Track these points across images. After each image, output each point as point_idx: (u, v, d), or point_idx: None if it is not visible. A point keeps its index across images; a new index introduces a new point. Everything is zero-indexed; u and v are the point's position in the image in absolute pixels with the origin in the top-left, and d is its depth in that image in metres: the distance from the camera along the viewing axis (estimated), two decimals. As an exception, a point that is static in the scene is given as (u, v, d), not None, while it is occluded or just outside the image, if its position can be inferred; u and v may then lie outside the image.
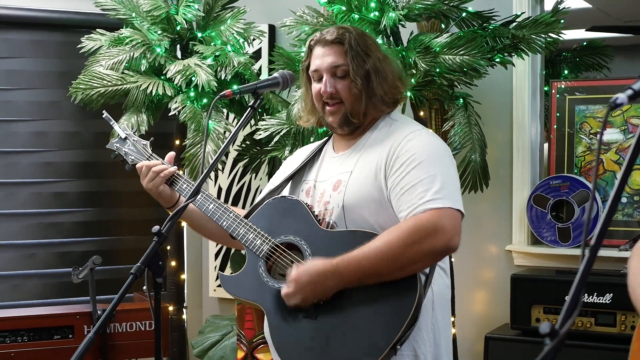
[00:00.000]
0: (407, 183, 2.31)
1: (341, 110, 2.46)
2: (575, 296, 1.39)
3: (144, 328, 3.77)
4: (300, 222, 2.43)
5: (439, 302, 2.41)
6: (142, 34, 4.00)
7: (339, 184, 2.44)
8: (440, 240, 2.25)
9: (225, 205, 2.53)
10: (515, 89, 4.07)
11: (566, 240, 3.90)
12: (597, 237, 1.42)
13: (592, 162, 4.03)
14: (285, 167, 2.73)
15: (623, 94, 1.46)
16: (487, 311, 4.14)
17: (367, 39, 2.51)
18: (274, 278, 2.43)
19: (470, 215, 4.17)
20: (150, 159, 2.68)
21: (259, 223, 2.48)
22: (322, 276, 2.29)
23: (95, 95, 3.87)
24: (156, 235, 2.23)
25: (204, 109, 3.87)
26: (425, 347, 2.36)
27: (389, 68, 2.51)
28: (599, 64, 4.69)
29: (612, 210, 1.43)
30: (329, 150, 2.60)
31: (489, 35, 3.52)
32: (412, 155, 2.34)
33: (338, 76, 2.46)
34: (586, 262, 1.43)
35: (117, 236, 4.87)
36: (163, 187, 2.60)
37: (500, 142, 4.06)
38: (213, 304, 4.92)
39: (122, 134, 2.76)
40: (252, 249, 2.45)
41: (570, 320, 1.36)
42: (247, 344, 3.87)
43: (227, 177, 4.80)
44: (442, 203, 2.26)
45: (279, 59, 3.65)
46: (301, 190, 2.57)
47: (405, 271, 2.26)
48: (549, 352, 1.33)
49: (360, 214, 2.38)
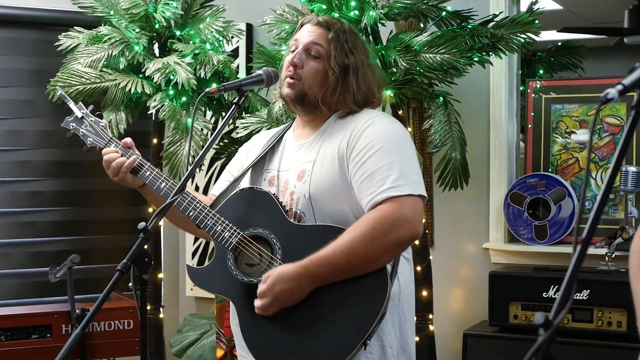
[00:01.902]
0: (366, 170, 2.32)
1: (297, 87, 2.46)
2: (568, 287, 1.41)
3: (122, 327, 3.75)
4: (269, 214, 2.42)
5: (404, 292, 2.43)
6: (120, 31, 3.98)
7: (303, 174, 2.44)
8: (404, 230, 2.27)
9: (191, 195, 2.49)
10: (492, 88, 4.11)
11: (543, 237, 3.94)
12: (588, 231, 1.44)
13: (569, 160, 4.08)
14: (242, 154, 2.70)
15: (613, 89, 1.48)
16: (465, 308, 4.18)
17: (357, 40, 2.52)
18: (241, 269, 2.41)
19: (447, 214, 4.24)
20: (110, 142, 2.61)
21: (226, 214, 2.45)
22: (296, 280, 2.29)
23: (74, 93, 3.85)
24: (142, 232, 2.23)
25: (183, 107, 3.86)
26: (391, 337, 2.38)
27: (370, 74, 2.52)
28: (574, 64, 4.74)
29: (602, 205, 1.46)
30: (290, 139, 2.59)
31: (467, 35, 3.55)
32: (371, 141, 2.34)
33: (311, 54, 2.47)
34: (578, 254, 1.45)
35: (93, 235, 4.83)
36: (128, 176, 2.56)
37: (477, 141, 4.10)
38: (190, 303, 4.91)
39: (78, 113, 2.65)
40: (220, 242, 2.43)
41: (563, 311, 1.38)
42: (227, 342, 3.87)
43: (205, 175, 4.79)
44: (402, 190, 2.27)
45: (260, 57, 3.65)
46: (263, 180, 2.55)
47: (374, 265, 2.28)
48: (543, 343, 1.35)
49: (328, 203, 2.38)
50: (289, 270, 2.30)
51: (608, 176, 1.46)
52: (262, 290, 2.31)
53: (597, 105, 1.49)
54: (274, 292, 2.30)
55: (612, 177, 1.47)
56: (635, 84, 1.51)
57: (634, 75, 1.52)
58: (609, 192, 1.47)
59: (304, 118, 2.55)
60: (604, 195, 1.45)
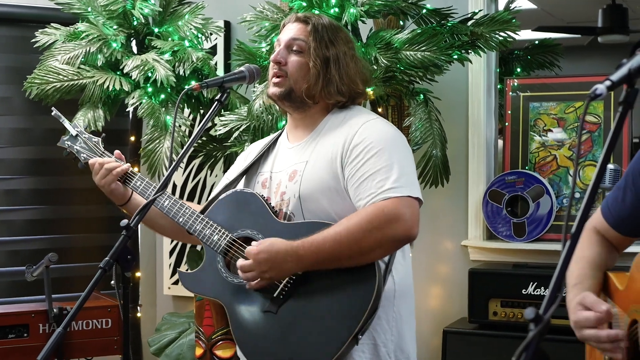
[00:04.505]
0: (365, 172, 2.31)
1: (284, 84, 2.46)
2: (558, 282, 1.41)
3: (100, 326, 3.72)
4: (257, 215, 2.43)
5: (401, 291, 2.42)
6: (98, 28, 3.95)
7: (294, 174, 2.44)
8: (401, 227, 2.26)
9: (180, 202, 2.52)
10: (470, 86, 4.12)
11: (521, 235, 3.96)
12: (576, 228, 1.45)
13: (547, 158, 4.10)
14: (240, 161, 2.71)
15: (602, 84, 1.49)
16: (444, 306, 4.19)
17: (338, 33, 2.51)
18: (233, 273, 2.42)
19: (426, 211, 4.23)
20: (102, 156, 2.65)
21: (215, 218, 2.47)
22: (282, 256, 2.29)
23: (51, 90, 3.82)
24: (125, 229, 2.22)
25: (162, 104, 3.84)
26: (385, 336, 2.38)
27: (353, 65, 2.50)
28: (550, 62, 4.78)
29: (591, 202, 1.47)
30: (284, 141, 2.59)
31: (447, 32, 3.56)
32: (369, 143, 2.34)
33: (293, 50, 2.47)
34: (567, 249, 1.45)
35: (70, 234, 4.79)
36: (115, 184, 2.59)
37: (456, 138, 4.11)
38: (167, 302, 4.88)
39: (72, 132, 2.71)
40: (210, 245, 2.45)
41: (554, 305, 1.38)
42: (206, 341, 3.85)
43: (182, 174, 4.77)
44: (402, 192, 2.27)
45: (240, 54, 3.64)
46: (257, 182, 2.56)
47: (365, 257, 2.27)
48: (533, 338, 1.35)
49: (317, 203, 2.38)
50: (278, 244, 2.30)
51: (595, 173, 1.47)
52: (248, 252, 2.33)
53: (586, 101, 1.50)
54: (258, 259, 2.30)
55: (600, 175, 1.48)
56: (622, 80, 1.52)
57: (621, 72, 1.54)
58: (597, 189, 1.48)
59: (295, 116, 2.54)
60: (591, 193, 1.46)
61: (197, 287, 2.52)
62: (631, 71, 1.53)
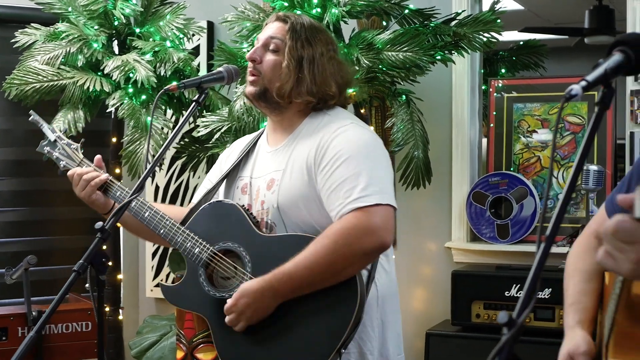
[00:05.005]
0: (334, 182, 2.27)
1: (258, 83, 2.43)
2: (532, 286, 1.39)
3: (80, 329, 3.70)
4: (238, 227, 2.40)
5: (384, 298, 2.39)
6: (78, 28, 3.92)
7: (272, 183, 2.40)
8: (370, 240, 2.20)
9: (161, 212, 2.48)
10: (454, 87, 4.11)
11: (505, 236, 3.94)
12: (551, 230, 1.43)
13: (531, 159, 4.09)
14: (222, 161, 2.67)
15: (577, 85, 1.47)
16: (427, 308, 4.16)
17: (318, 33, 2.46)
18: (215, 286, 2.41)
19: (409, 213, 4.23)
20: (81, 164, 2.61)
21: (196, 230, 2.45)
22: (259, 295, 2.27)
23: (31, 90, 3.78)
24: (99, 232, 2.20)
25: (142, 105, 3.81)
26: (371, 343, 2.36)
27: (330, 67, 2.44)
28: (535, 63, 4.76)
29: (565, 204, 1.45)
30: (264, 144, 2.55)
31: (430, 33, 3.54)
32: (338, 151, 2.29)
33: (270, 49, 2.43)
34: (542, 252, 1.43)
35: (51, 236, 4.75)
36: (96, 195, 2.55)
37: (439, 139, 4.09)
38: (150, 304, 4.85)
39: (51, 137, 2.68)
40: (191, 258, 2.43)
41: (527, 310, 1.36)
42: (187, 344, 3.81)
43: (165, 175, 4.73)
44: (369, 200, 2.21)
45: (221, 54, 3.62)
46: (236, 187, 2.53)
47: (339, 276, 2.23)
48: (507, 342, 1.33)
49: (297, 213, 2.35)
50: (252, 285, 2.28)
51: (571, 175, 1.45)
52: (228, 306, 2.31)
53: (561, 102, 1.48)
54: (238, 307, 2.29)
55: (575, 176, 1.46)
56: (598, 81, 1.50)
57: (597, 72, 1.52)
58: (572, 191, 1.46)
59: (273, 118, 2.51)
60: (567, 194, 1.44)
61: (179, 301, 2.52)
62: (607, 71, 1.51)
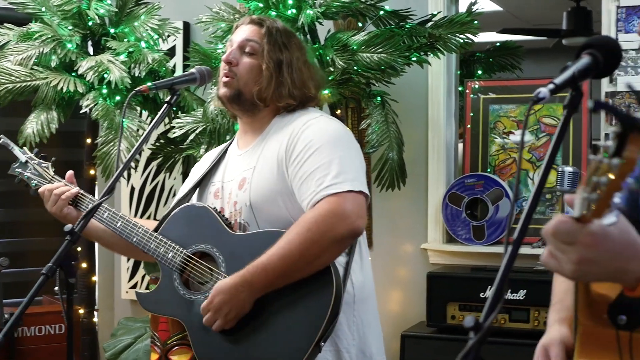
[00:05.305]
0: (305, 171, 2.28)
1: (233, 85, 2.42)
2: (498, 290, 1.39)
3: (53, 332, 3.68)
4: (210, 228, 2.40)
5: (361, 296, 2.39)
6: (52, 29, 3.88)
7: (243, 182, 2.41)
8: (342, 225, 2.21)
9: (133, 221, 2.49)
10: (430, 88, 4.10)
11: (480, 238, 3.95)
12: (519, 232, 1.43)
13: (506, 160, 4.09)
14: (194, 173, 2.69)
15: (545, 88, 1.47)
16: (403, 309, 4.16)
17: (292, 38, 2.50)
18: (192, 289, 2.40)
19: (385, 214, 4.22)
20: (52, 181, 2.64)
21: (169, 235, 2.45)
22: (234, 290, 2.26)
23: (3, 91, 3.74)
24: (69, 234, 2.20)
25: (117, 106, 3.78)
26: (347, 341, 2.35)
27: (306, 70, 2.48)
28: (512, 64, 4.77)
29: (534, 206, 1.44)
30: (234, 149, 2.57)
31: (405, 34, 3.54)
32: (309, 142, 2.31)
33: (246, 52, 2.43)
34: (509, 256, 1.43)
35: (24, 237, 4.71)
36: (67, 209, 2.57)
37: (415, 141, 4.09)
38: (125, 306, 4.82)
39: (22, 158, 2.71)
40: (165, 263, 2.42)
41: (493, 314, 1.36)
42: (162, 346, 3.79)
43: (140, 176, 4.71)
44: (341, 187, 2.23)
45: (195, 55, 3.60)
46: (209, 193, 2.53)
47: (314, 265, 2.24)
48: (473, 346, 1.34)
49: (270, 210, 2.35)
50: (227, 281, 2.28)
51: (540, 176, 1.44)
52: (204, 305, 2.31)
53: (528, 105, 1.48)
54: (214, 305, 2.28)
55: (544, 178, 1.46)
56: (566, 83, 1.50)
57: (566, 75, 1.51)
58: (540, 193, 1.45)
59: (244, 120, 2.51)
60: (535, 196, 1.44)
61: (155, 308, 2.52)
62: (576, 74, 1.51)
